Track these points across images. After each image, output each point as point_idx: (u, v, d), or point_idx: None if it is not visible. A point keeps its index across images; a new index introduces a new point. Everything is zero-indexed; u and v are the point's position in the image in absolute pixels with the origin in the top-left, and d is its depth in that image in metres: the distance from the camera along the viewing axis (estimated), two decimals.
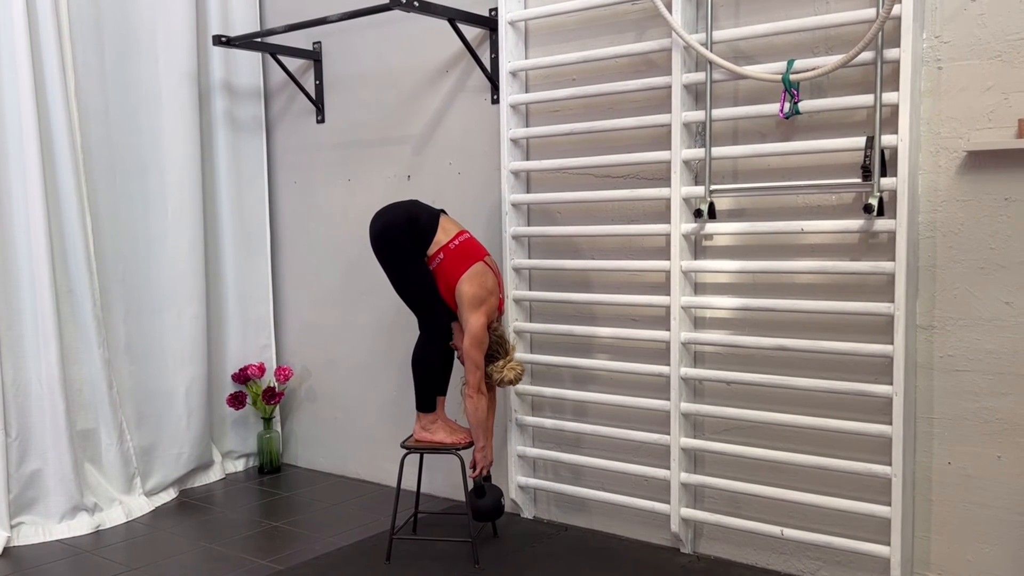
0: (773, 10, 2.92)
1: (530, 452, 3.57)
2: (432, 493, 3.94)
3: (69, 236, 3.62)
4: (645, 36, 3.19)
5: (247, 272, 4.40)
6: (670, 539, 3.29)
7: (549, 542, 3.38)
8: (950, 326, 2.70)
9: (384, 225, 3.15)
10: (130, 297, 3.92)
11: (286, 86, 4.31)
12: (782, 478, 3.02)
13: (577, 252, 3.45)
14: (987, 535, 2.69)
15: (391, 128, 3.98)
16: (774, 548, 3.08)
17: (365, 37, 4.00)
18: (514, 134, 3.47)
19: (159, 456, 4.00)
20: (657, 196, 3.15)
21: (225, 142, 4.28)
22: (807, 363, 2.94)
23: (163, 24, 3.96)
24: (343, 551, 3.34)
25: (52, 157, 3.56)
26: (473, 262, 3.14)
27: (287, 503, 3.94)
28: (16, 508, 3.49)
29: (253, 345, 4.44)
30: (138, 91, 3.91)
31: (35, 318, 3.52)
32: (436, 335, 3.22)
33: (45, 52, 3.52)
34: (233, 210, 4.33)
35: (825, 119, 2.85)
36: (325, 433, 4.39)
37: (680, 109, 3.04)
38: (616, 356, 3.37)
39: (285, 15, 4.23)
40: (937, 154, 2.67)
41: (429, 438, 3.26)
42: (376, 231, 3.16)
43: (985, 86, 2.58)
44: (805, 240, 2.93)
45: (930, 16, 2.65)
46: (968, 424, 2.69)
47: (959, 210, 2.65)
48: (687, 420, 3.17)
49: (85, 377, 3.72)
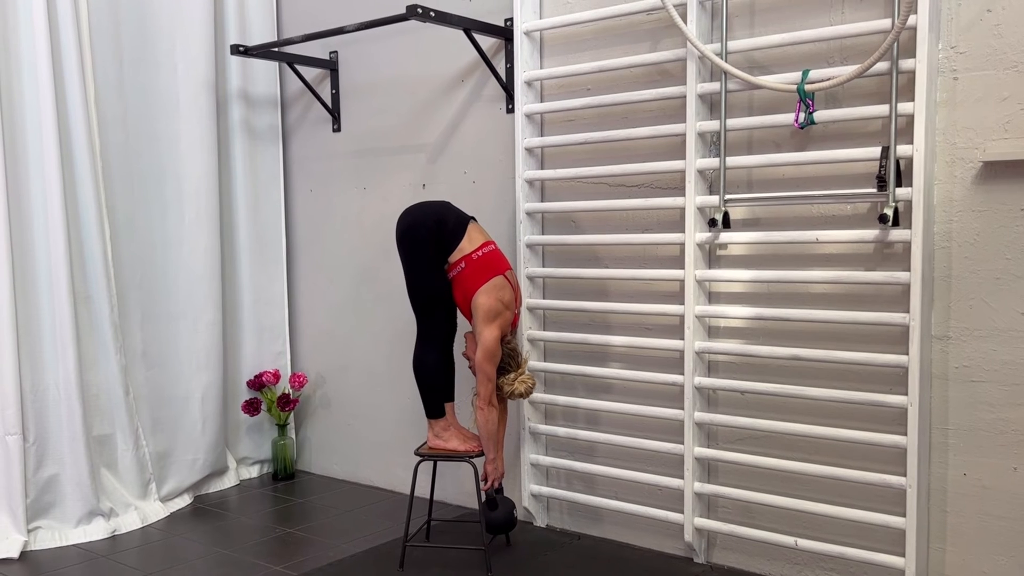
0: (788, 20, 2.93)
1: (543, 460, 3.57)
2: (445, 500, 3.94)
3: (87, 242, 3.66)
4: (660, 46, 3.20)
5: (263, 279, 4.43)
6: (683, 549, 3.29)
7: (562, 551, 3.38)
8: (966, 336, 2.69)
9: (411, 223, 3.16)
10: (147, 303, 3.95)
11: (303, 95, 4.34)
12: (796, 488, 3.01)
13: (591, 261, 3.46)
14: (1002, 547, 2.67)
15: (407, 137, 4.00)
16: (788, 558, 3.07)
17: (381, 47, 4.03)
18: (529, 143, 3.49)
19: (174, 462, 4.02)
20: (671, 205, 3.15)
21: (242, 150, 4.31)
22: (822, 373, 2.93)
23: (181, 34, 4.00)
24: (356, 558, 3.35)
25: (71, 164, 3.60)
26: (493, 275, 3.15)
27: (301, 509, 3.95)
28: (33, 513, 3.51)
29: (268, 352, 4.46)
30: (156, 99, 3.95)
31: (53, 324, 3.55)
32: (433, 339, 3.21)
33: (65, 61, 3.56)
34: (249, 217, 4.36)
35: (840, 129, 2.86)
36: (339, 440, 4.40)
37: (695, 119, 3.04)
38: (630, 365, 3.37)
39: (302, 25, 4.26)
40: (953, 164, 2.67)
41: (442, 445, 3.27)
42: (403, 227, 3.17)
43: (1001, 96, 2.58)
44: (820, 250, 2.93)
45: (946, 26, 2.64)
46: (984, 435, 2.68)
47: (975, 220, 2.65)
48: (701, 429, 3.17)
49: (102, 383, 3.74)
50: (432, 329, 3.21)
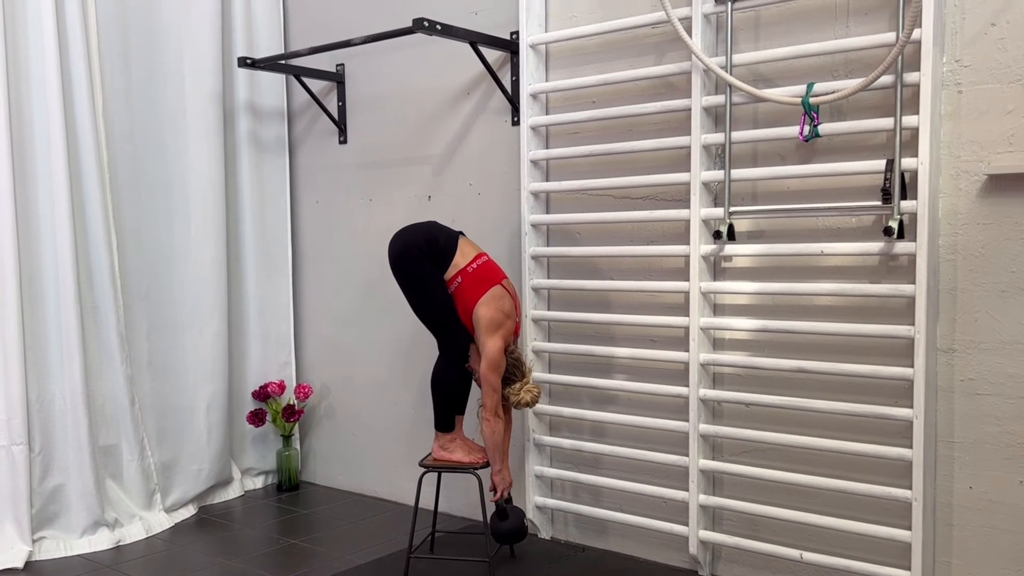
0: (793, 34, 2.94)
1: (548, 472, 3.57)
2: (449, 512, 3.94)
3: (94, 253, 3.67)
4: (665, 59, 3.22)
5: (268, 290, 4.44)
6: (688, 561, 3.28)
7: (566, 563, 3.37)
8: (971, 349, 2.68)
9: (403, 247, 3.16)
10: (153, 314, 3.96)
11: (309, 107, 4.36)
12: (801, 501, 3.00)
13: (596, 272, 3.46)
14: (1008, 560, 2.66)
15: (412, 149, 4.02)
16: (793, 572, 3.06)
17: (388, 59, 4.05)
18: (534, 155, 3.50)
19: (179, 472, 4.02)
20: (676, 217, 3.16)
21: (248, 162, 4.33)
22: (826, 385, 2.93)
23: (189, 46, 4.02)
24: (360, 569, 3.34)
25: (79, 175, 3.62)
26: (491, 286, 3.16)
27: (305, 520, 3.95)
28: (38, 523, 3.52)
29: (273, 362, 4.47)
30: (164, 111, 3.98)
31: (59, 334, 3.56)
32: (455, 355, 3.23)
33: (74, 73, 3.59)
34: (255, 229, 4.37)
35: (845, 142, 2.86)
36: (344, 451, 4.40)
37: (700, 131, 3.05)
38: (634, 377, 3.37)
39: (309, 37, 4.29)
40: (957, 177, 2.67)
41: (447, 457, 3.27)
42: (395, 252, 3.17)
43: (1006, 109, 2.59)
44: (825, 262, 2.93)
45: (950, 40, 2.65)
46: (989, 448, 2.67)
47: (980, 233, 2.65)
48: (706, 441, 3.16)
49: (108, 393, 3.75)
50: (455, 344, 3.22)
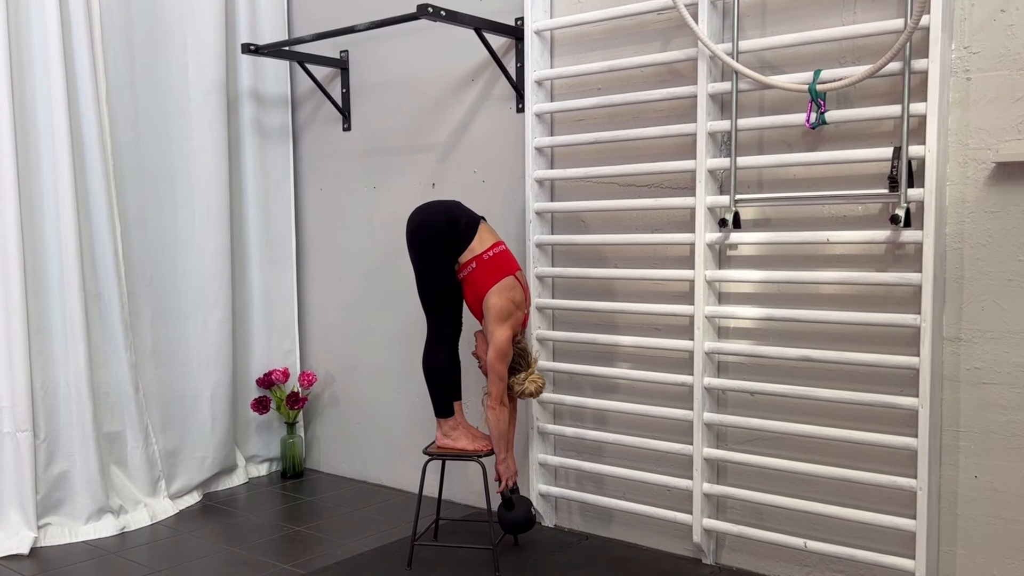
0: (800, 20, 2.92)
1: (552, 460, 3.57)
2: (453, 500, 3.94)
3: (98, 241, 3.67)
4: (671, 46, 3.20)
5: (272, 277, 4.44)
6: (692, 550, 3.28)
7: (570, 551, 3.38)
8: (977, 338, 2.67)
9: (422, 222, 3.16)
10: (157, 301, 3.96)
11: (313, 94, 4.35)
12: (806, 490, 3.00)
13: (601, 261, 3.45)
14: (1013, 550, 2.66)
15: (416, 136, 4.00)
16: (797, 560, 3.06)
17: (392, 46, 4.03)
18: (539, 143, 3.48)
19: (184, 459, 4.03)
20: (682, 205, 3.14)
21: (252, 149, 4.32)
22: (832, 374, 2.92)
23: (193, 32, 4.01)
24: (364, 556, 3.35)
25: (83, 162, 3.62)
26: (504, 275, 3.15)
27: (309, 508, 3.96)
28: (43, 509, 3.53)
29: (278, 350, 4.47)
30: (167, 98, 3.96)
31: (64, 321, 3.56)
32: (440, 338, 3.23)
33: (78, 60, 3.57)
34: (259, 216, 4.37)
35: (852, 129, 2.84)
36: (348, 438, 4.41)
37: (706, 118, 3.04)
38: (639, 365, 3.37)
39: (313, 24, 4.27)
40: (965, 165, 2.65)
41: (451, 445, 3.27)
42: (414, 226, 3.17)
43: (1014, 97, 2.57)
44: (831, 251, 2.92)
45: (959, 26, 2.63)
46: (995, 437, 2.67)
47: (987, 221, 2.63)
48: (710, 430, 3.16)
49: (112, 380, 3.76)
50: (442, 327, 3.22)
